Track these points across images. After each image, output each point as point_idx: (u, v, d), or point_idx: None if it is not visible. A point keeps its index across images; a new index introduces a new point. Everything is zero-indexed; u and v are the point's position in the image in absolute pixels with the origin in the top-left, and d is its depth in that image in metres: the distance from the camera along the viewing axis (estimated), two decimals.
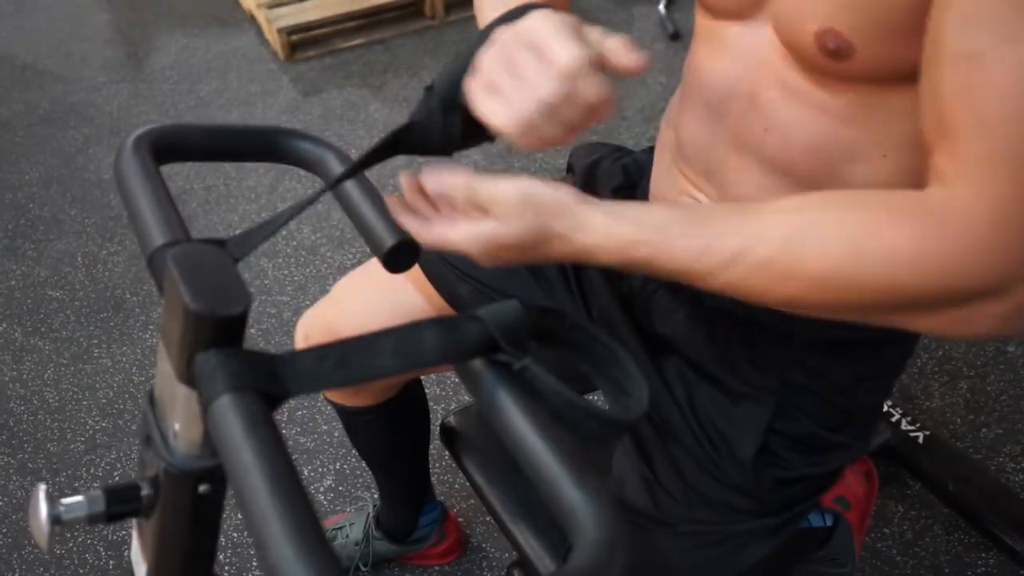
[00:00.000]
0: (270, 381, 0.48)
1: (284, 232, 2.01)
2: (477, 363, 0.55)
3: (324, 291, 1.86)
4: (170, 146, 0.67)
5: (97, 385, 1.68)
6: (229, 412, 0.45)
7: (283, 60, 2.70)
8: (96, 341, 1.78)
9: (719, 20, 0.69)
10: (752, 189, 0.66)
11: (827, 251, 0.50)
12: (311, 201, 0.60)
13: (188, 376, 0.49)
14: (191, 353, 0.48)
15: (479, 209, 0.55)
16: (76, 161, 2.30)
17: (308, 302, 1.83)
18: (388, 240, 0.65)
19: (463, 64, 0.56)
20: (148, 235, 0.58)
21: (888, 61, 0.55)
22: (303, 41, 2.76)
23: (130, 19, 3.02)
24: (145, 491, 0.57)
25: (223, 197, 2.12)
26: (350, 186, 0.70)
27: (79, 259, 1.99)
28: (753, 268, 0.52)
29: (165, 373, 0.53)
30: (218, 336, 0.48)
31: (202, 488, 0.54)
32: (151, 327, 1.81)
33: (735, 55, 0.67)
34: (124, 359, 1.74)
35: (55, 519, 0.54)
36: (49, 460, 1.55)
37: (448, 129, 0.58)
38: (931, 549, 1.35)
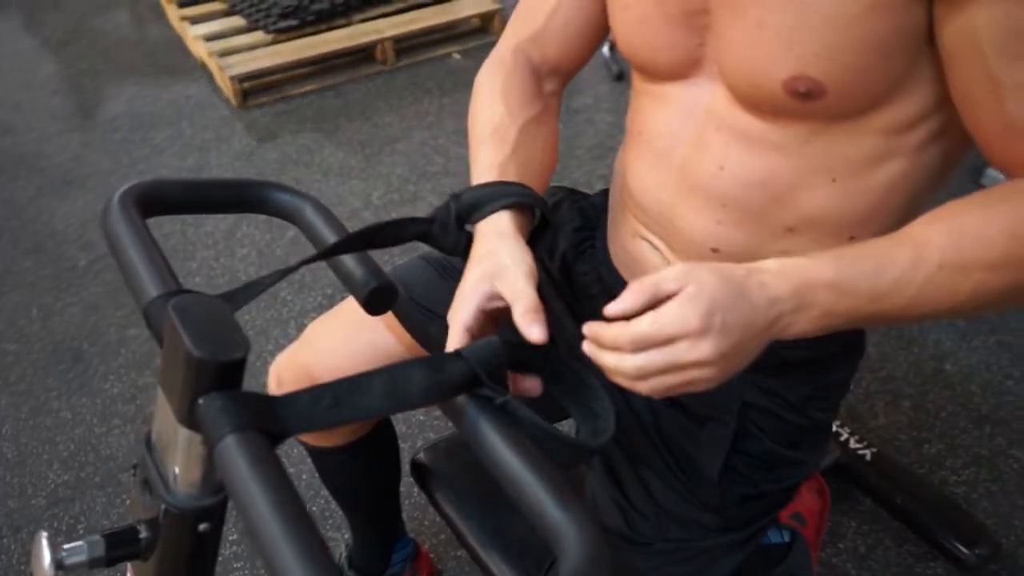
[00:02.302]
0: (271, 421, 0.51)
1: (243, 277, 2.03)
2: (460, 397, 0.59)
3: (285, 335, 1.88)
4: (155, 201, 0.70)
5: (57, 438, 1.67)
6: (235, 451, 0.48)
7: (236, 107, 2.72)
8: (55, 393, 1.76)
9: (657, 82, 0.74)
10: (707, 224, 0.72)
11: (989, 245, 0.56)
12: (307, 262, 0.64)
13: (190, 420, 0.52)
14: (193, 398, 0.51)
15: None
16: (27, 212, 2.29)
17: (270, 347, 1.84)
18: (368, 283, 0.69)
19: (491, 194, 0.69)
20: (142, 287, 0.61)
21: (855, 96, 0.62)
22: (255, 88, 2.79)
23: (79, 69, 3.02)
24: (143, 534, 0.59)
25: (180, 244, 2.12)
26: (328, 232, 0.74)
27: (34, 311, 1.97)
28: (933, 272, 0.56)
29: (164, 418, 0.56)
30: (220, 380, 0.51)
31: (202, 527, 0.57)
32: (111, 377, 1.79)
33: (679, 107, 0.73)
34: (84, 411, 1.72)
35: (58, 565, 0.56)
36: (10, 516, 1.52)
37: (458, 238, 0.69)
38: (883, 561, 1.41)
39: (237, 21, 2.99)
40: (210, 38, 2.90)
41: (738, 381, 0.77)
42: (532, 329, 0.60)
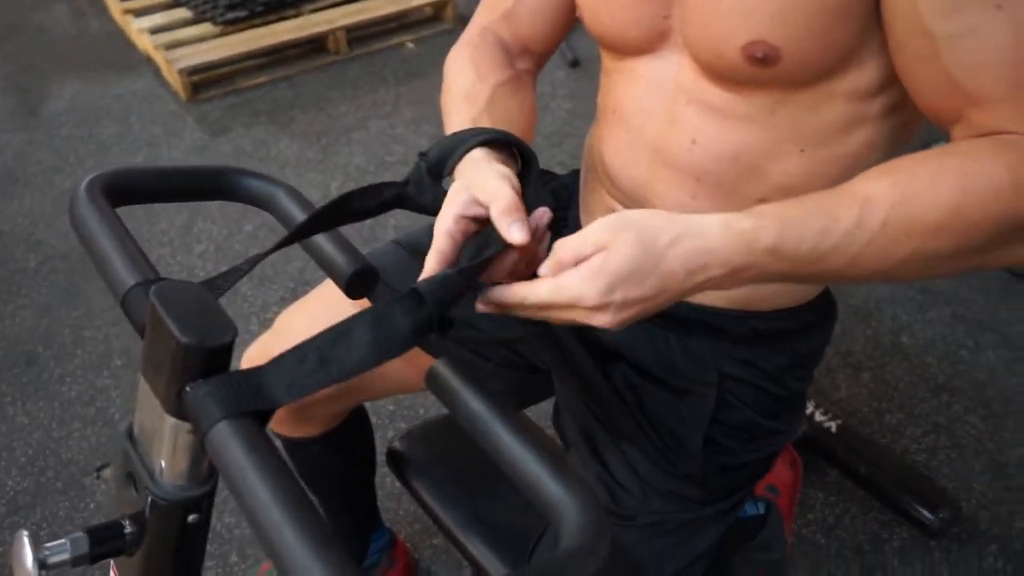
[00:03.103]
0: (259, 399, 0.50)
1: (202, 273, 1.99)
2: (448, 375, 0.58)
3: (248, 331, 1.85)
4: (123, 189, 0.68)
5: (14, 444, 1.62)
6: (228, 438, 0.47)
7: (185, 100, 2.66)
8: (9, 399, 1.71)
9: (626, 58, 0.75)
10: (682, 197, 0.72)
11: (937, 203, 0.54)
12: (287, 243, 0.63)
13: (178, 409, 0.51)
14: (181, 386, 0.50)
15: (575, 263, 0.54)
16: None
17: None
18: (348, 267, 0.68)
19: (453, 144, 0.66)
20: (118, 276, 0.59)
21: (810, 62, 0.62)
22: (205, 81, 2.73)
23: (18, 65, 2.92)
24: (128, 529, 0.57)
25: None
26: (303, 218, 0.73)
27: None
28: (876, 232, 0.55)
29: (148, 409, 0.54)
30: (208, 366, 0.50)
31: (191, 518, 0.56)
32: (68, 379, 1.75)
33: (649, 83, 0.73)
34: (41, 414, 1.67)
35: (41, 564, 0.54)
36: None
37: (435, 193, 0.65)
38: (851, 530, 1.45)
39: (183, 13, 2.92)
40: (155, 31, 2.83)
41: (712, 353, 0.78)
42: (512, 230, 0.57)
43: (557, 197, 0.93)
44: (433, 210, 0.65)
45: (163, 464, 0.55)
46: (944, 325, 1.83)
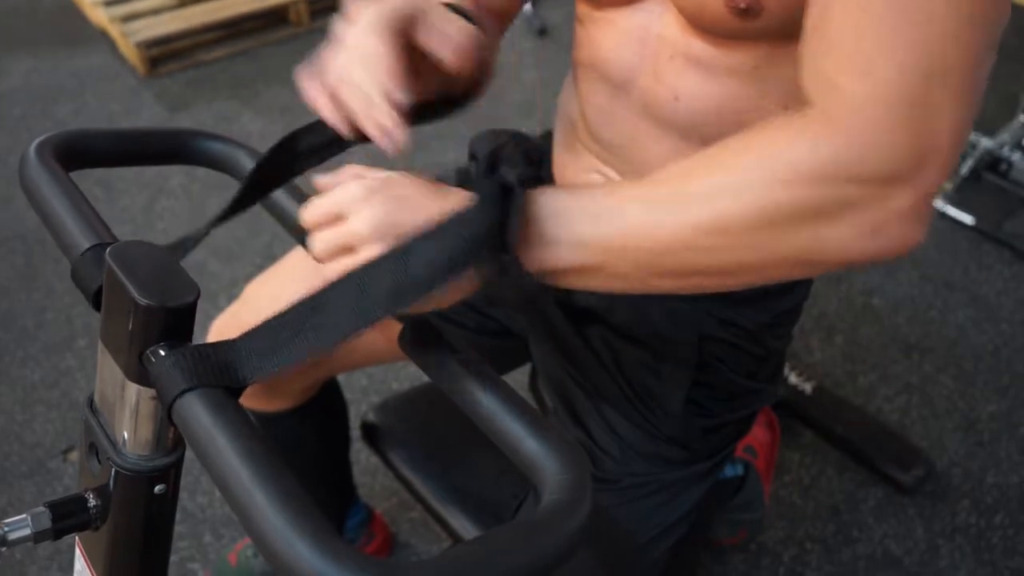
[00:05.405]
0: (228, 376, 0.47)
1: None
2: (422, 336, 0.56)
3: (216, 307, 1.80)
4: (76, 152, 0.65)
5: None
6: (197, 406, 0.44)
7: (143, 75, 2.59)
8: None
9: (605, 9, 0.72)
10: (668, 154, 0.70)
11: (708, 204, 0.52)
12: (247, 196, 0.59)
13: (140, 375, 0.49)
14: (142, 350, 0.48)
15: None
16: None
17: (199, 316, 1.77)
18: None
19: None
20: (71, 239, 0.57)
21: (792, 13, 0.60)
22: (163, 55, 2.66)
23: None
24: (92, 502, 0.55)
25: None
26: None
27: None
28: (663, 198, 0.53)
29: (109, 376, 0.52)
30: (170, 329, 0.48)
31: (158, 488, 0.53)
32: (30, 362, 1.70)
33: (631, 36, 0.70)
34: (3, 399, 1.63)
35: (1, 541, 0.52)
36: None
37: None
38: (827, 490, 1.46)
39: None
40: (109, 3, 2.74)
41: (692, 314, 0.77)
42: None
43: (530, 159, 0.91)
44: None
45: (126, 434, 0.52)
46: (913, 286, 1.84)
